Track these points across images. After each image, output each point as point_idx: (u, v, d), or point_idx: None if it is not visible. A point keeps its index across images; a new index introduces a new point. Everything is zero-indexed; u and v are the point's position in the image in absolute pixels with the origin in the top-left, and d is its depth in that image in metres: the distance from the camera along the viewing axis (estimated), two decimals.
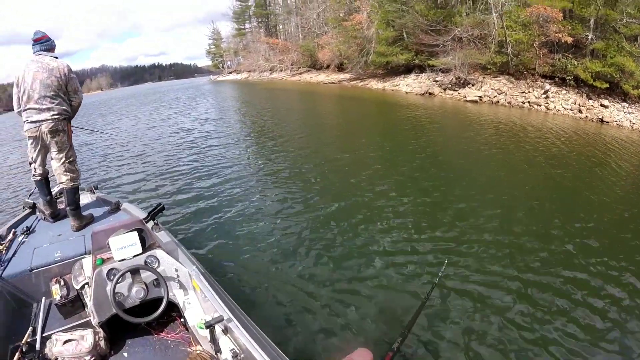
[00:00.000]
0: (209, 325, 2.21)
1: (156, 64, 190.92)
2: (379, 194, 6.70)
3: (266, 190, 7.17)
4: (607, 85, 15.46)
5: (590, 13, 16.31)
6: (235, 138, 12.58)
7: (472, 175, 7.80)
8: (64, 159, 3.65)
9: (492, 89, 19.33)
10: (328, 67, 40.92)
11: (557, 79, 17.62)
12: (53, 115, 3.47)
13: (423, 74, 24.96)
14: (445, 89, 21.36)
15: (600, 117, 14.20)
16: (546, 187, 7.04)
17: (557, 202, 6.30)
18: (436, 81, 22.51)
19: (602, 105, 15.00)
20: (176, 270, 2.76)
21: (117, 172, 9.36)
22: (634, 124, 13.37)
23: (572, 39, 16.90)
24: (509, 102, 17.75)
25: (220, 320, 2.20)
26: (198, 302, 2.70)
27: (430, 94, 21.89)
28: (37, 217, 3.92)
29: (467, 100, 19.11)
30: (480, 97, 18.99)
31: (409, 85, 24.90)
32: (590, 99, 15.82)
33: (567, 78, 17.03)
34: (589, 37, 16.42)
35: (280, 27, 63.26)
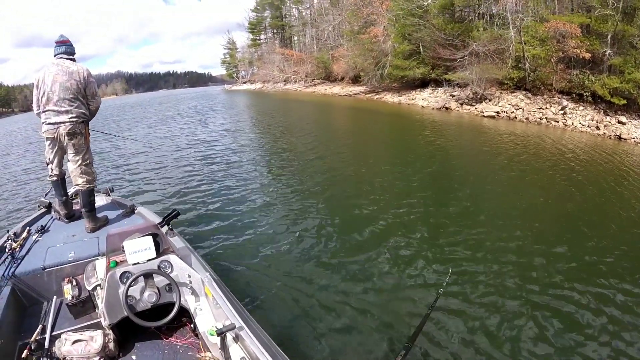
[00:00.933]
0: (221, 333, 2.17)
1: (171, 72, 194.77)
2: (389, 206, 6.67)
3: (281, 201, 7.15)
4: (625, 102, 15.27)
5: (607, 29, 16.21)
6: (253, 150, 12.57)
7: (482, 190, 7.73)
8: (80, 161, 3.68)
9: (509, 104, 19.15)
10: (342, 79, 41.04)
11: (574, 95, 17.43)
12: (71, 117, 3.50)
13: (439, 88, 24.79)
14: (462, 104, 21.18)
15: (617, 133, 14.00)
16: (559, 206, 6.90)
17: (567, 220, 6.23)
18: (453, 96, 22.33)
19: (619, 122, 14.81)
20: (189, 276, 2.74)
21: (132, 176, 9.45)
22: None
23: (589, 54, 16.76)
24: (527, 118, 17.57)
25: (232, 328, 2.17)
26: (209, 308, 2.67)
27: (447, 108, 21.69)
28: (52, 217, 3.95)
29: (484, 116, 18.94)
30: (497, 112, 18.81)
31: (425, 100, 24.78)
32: (608, 115, 15.63)
33: (584, 94, 16.85)
34: (607, 52, 16.29)
35: (296, 38, 63.96)
